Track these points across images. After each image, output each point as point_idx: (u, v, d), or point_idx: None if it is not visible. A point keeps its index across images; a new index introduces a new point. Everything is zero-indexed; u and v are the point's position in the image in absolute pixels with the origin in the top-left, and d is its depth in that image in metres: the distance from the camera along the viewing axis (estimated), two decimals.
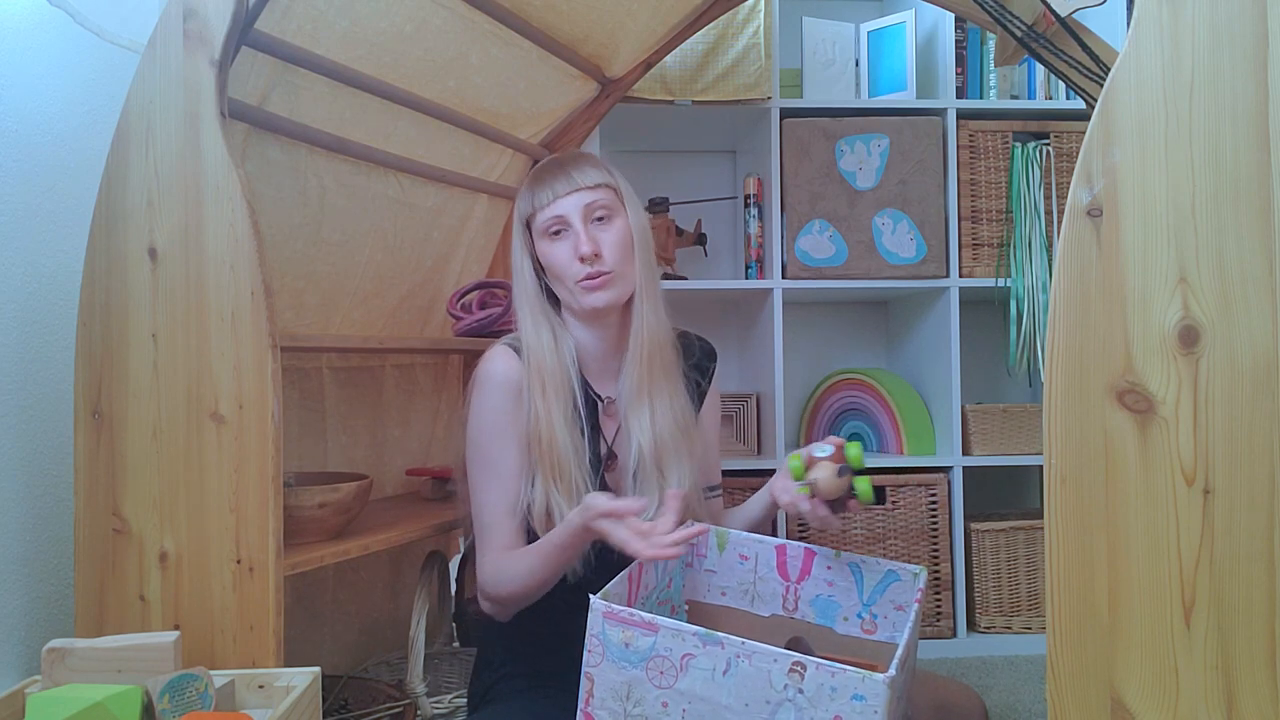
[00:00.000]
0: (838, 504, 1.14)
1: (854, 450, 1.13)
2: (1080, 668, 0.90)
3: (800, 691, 0.85)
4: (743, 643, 0.87)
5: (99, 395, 1.13)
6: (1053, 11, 1.19)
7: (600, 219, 1.22)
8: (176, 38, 1.09)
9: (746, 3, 2.00)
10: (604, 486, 1.24)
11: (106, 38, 1.39)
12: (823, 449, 1.14)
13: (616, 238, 1.21)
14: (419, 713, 1.37)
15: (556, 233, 1.21)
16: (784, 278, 2.25)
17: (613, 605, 0.92)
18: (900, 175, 2.25)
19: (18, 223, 1.27)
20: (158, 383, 1.11)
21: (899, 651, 0.91)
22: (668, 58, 1.95)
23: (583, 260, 1.19)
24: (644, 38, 1.81)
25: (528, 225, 1.26)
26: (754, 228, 2.29)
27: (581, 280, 1.20)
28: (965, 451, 2.26)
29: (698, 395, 1.34)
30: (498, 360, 1.24)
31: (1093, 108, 0.97)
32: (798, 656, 0.85)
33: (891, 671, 0.83)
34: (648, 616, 0.90)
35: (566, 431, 1.20)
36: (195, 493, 1.09)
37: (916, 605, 1.06)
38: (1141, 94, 0.90)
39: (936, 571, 2.21)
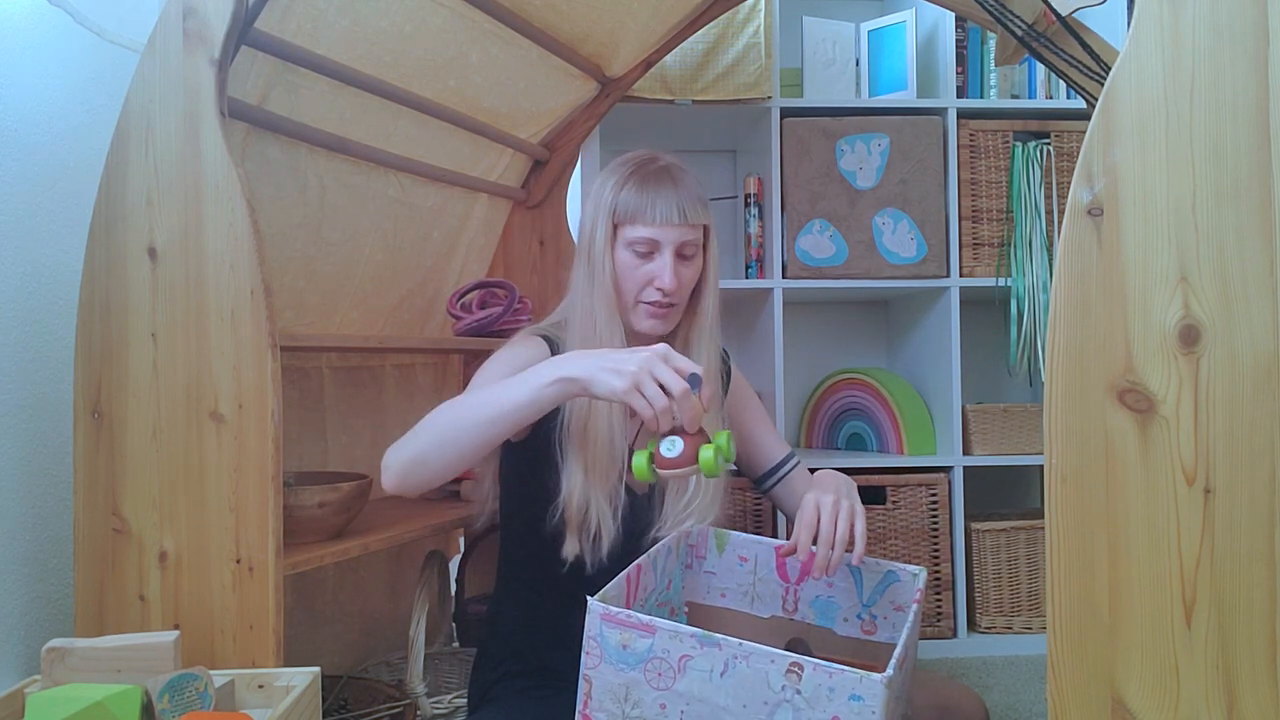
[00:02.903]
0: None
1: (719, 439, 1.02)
2: (1081, 667, 0.90)
3: (798, 692, 0.85)
4: (740, 644, 0.87)
5: (99, 395, 1.13)
6: (1053, 11, 1.19)
7: (687, 255, 1.22)
8: (176, 37, 1.09)
9: (746, 2, 2.00)
10: (628, 489, 1.22)
11: (106, 37, 1.39)
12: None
13: (691, 274, 1.23)
14: (419, 713, 1.36)
15: (643, 252, 1.20)
16: (784, 277, 2.25)
17: (610, 607, 0.92)
18: (900, 175, 2.25)
19: (18, 222, 1.27)
20: (157, 382, 1.11)
21: (897, 651, 0.91)
22: (668, 57, 1.95)
23: (659, 290, 1.20)
24: (644, 37, 1.81)
25: (613, 221, 1.20)
26: (754, 227, 2.29)
27: (649, 304, 1.21)
28: (965, 451, 2.26)
29: (723, 391, 1.38)
30: (533, 341, 1.23)
31: (1093, 107, 0.97)
32: (795, 657, 0.85)
33: (889, 672, 0.83)
34: (645, 618, 0.90)
35: (621, 434, 1.19)
36: (195, 492, 1.09)
37: (916, 606, 1.05)
38: (1142, 93, 0.89)
39: (937, 571, 2.21)
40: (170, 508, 1.10)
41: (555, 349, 1.22)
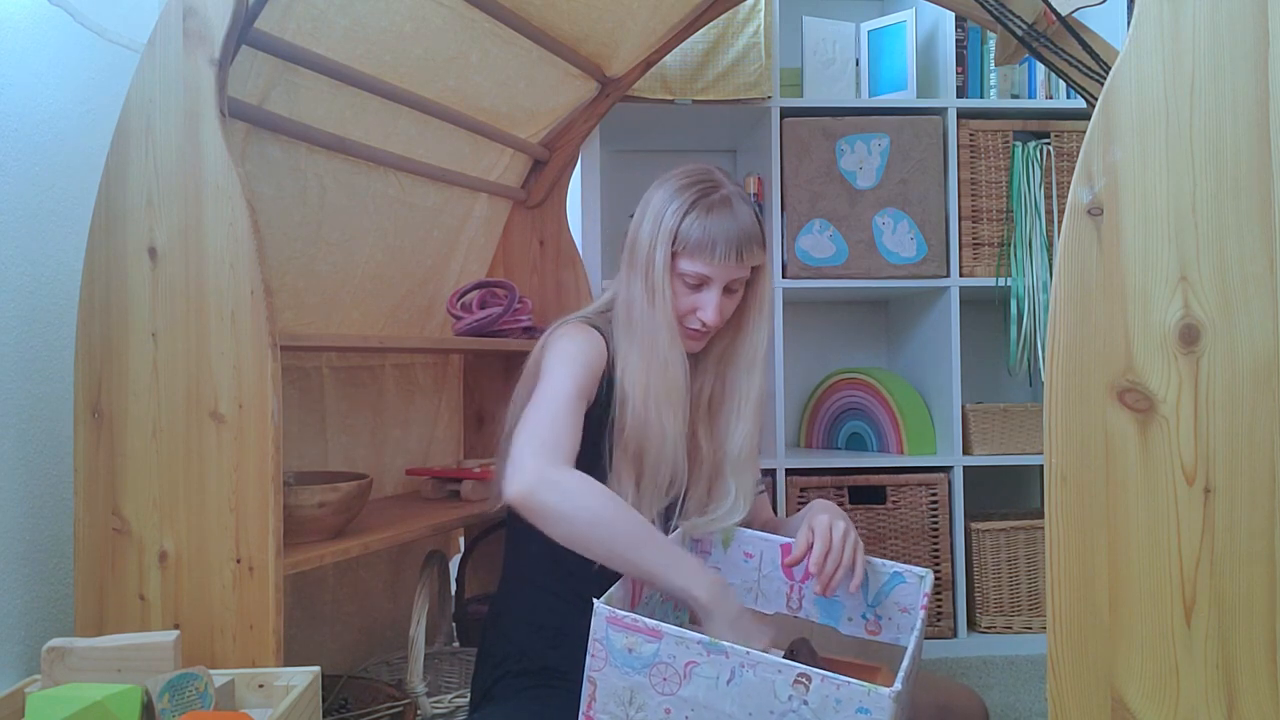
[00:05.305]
0: None
1: None
2: (1081, 667, 0.90)
3: (805, 703, 0.84)
4: (747, 652, 0.86)
5: (99, 394, 1.13)
6: (1053, 10, 1.19)
7: (733, 289, 1.25)
8: (176, 36, 1.09)
9: (747, 2, 2.00)
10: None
11: (107, 37, 1.39)
12: None
13: (733, 304, 1.26)
14: (419, 713, 1.36)
15: (692, 283, 1.22)
16: (784, 277, 2.25)
17: (616, 610, 0.91)
18: (900, 175, 2.25)
19: (18, 221, 1.27)
20: (157, 382, 1.11)
21: (904, 663, 0.91)
22: (668, 57, 1.95)
23: (700, 320, 1.23)
24: (644, 37, 1.81)
25: (671, 248, 1.20)
26: None
27: (689, 329, 1.24)
28: (965, 451, 2.26)
29: None
30: (591, 333, 1.23)
31: (1093, 107, 0.97)
32: (803, 668, 0.84)
33: (897, 686, 0.83)
34: (651, 623, 0.89)
35: (683, 460, 1.21)
36: (195, 492, 1.09)
37: (923, 612, 1.05)
38: (1142, 93, 0.89)
39: (937, 571, 2.21)
40: (170, 508, 1.10)
41: (606, 340, 1.24)
